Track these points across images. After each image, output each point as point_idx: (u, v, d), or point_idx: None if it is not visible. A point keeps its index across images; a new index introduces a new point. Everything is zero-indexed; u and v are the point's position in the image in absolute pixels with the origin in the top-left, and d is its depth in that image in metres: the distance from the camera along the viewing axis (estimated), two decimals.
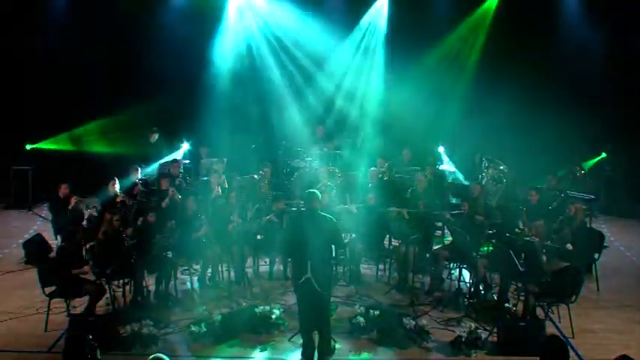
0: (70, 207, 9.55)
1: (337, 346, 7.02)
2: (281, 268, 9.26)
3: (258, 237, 9.30)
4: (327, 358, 6.77)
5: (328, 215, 6.77)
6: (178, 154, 12.45)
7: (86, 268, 7.57)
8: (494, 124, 12.41)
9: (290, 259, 6.87)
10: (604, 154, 12.92)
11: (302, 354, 6.77)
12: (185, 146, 12.91)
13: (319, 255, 6.56)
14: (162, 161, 11.76)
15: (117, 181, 9.85)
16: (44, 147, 13.10)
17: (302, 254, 6.58)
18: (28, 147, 13.10)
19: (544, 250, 7.75)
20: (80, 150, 13.16)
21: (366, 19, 13.76)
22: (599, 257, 8.98)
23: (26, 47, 12.95)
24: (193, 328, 7.21)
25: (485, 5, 13.16)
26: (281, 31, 13.58)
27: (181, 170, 11.28)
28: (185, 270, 9.11)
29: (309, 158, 12.40)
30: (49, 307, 7.47)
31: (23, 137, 13.12)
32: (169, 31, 13.42)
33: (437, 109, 13.19)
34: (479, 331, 7.13)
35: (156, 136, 12.41)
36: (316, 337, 6.79)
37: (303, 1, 13.49)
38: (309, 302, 6.67)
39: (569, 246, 8.28)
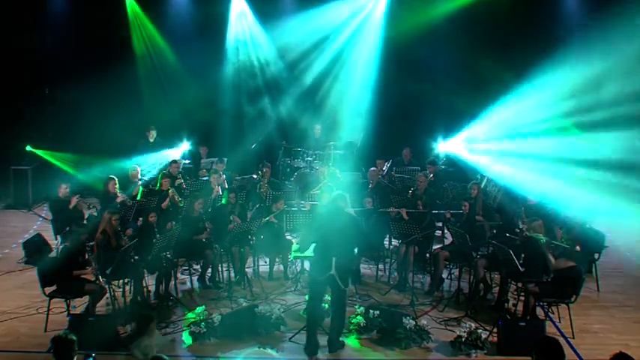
0: (70, 207, 9.55)
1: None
2: (281, 268, 9.27)
3: (261, 237, 9.28)
4: (338, 350, 6.88)
5: (352, 214, 6.90)
6: (177, 154, 12.48)
7: (89, 269, 7.56)
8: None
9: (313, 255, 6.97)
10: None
11: (305, 350, 6.81)
12: (185, 146, 12.93)
13: (344, 252, 6.71)
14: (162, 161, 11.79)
15: (116, 181, 9.86)
16: (44, 156, 13.06)
17: (327, 251, 6.69)
18: (28, 148, 13.10)
19: (550, 251, 7.74)
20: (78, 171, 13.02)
21: (363, 18, 13.79)
22: (599, 257, 8.99)
23: (27, 47, 12.96)
24: (193, 328, 7.21)
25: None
26: (280, 30, 13.60)
27: (181, 170, 11.29)
28: (185, 270, 9.12)
29: (309, 158, 12.43)
30: (49, 307, 7.47)
31: (23, 137, 13.12)
32: (170, 31, 13.48)
33: (437, 108, 13.21)
34: (479, 331, 7.12)
35: (154, 134, 12.42)
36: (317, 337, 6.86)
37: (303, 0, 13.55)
38: (322, 299, 6.78)
39: (577, 247, 8.28)
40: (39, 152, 12.96)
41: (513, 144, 12.24)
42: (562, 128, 12.46)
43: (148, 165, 11.96)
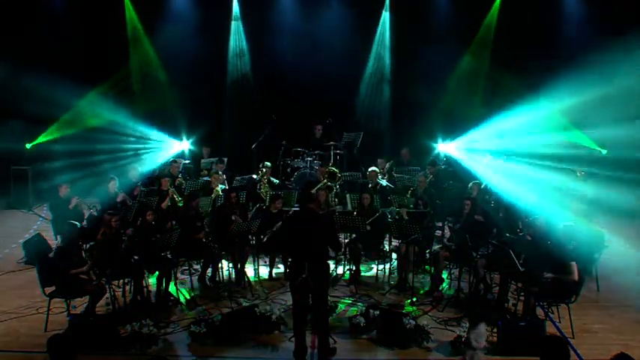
0: (70, 207, 9.55)
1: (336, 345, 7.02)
2: (281, 268, 9.26)
3: (263, 237, 9.27)
4: (328, 358, 6.78)
5: (323, 214, 6.78)
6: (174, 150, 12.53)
7: (84, 268, 7.55)
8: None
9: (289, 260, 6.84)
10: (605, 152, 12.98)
11: (294, 354, 6.77)
12: (185, 145, 12.94)
13: (316, 255, 6.56)
14: (162, 161, 11.82)
15: (116, 181, 9.87)
16: (44, 139, 13.06)
17: (299, 255, 6.59)
18: (28, 146, 13.11)
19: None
20: (79, 129, 13.03)
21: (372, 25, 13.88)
22: (599, 257, 8.98)
23: (27, 46, 12.98)
24: (193, 328, 7.21)
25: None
26: (282, 30, 13.61)
27: (181, 170, 11.30)
28: (185, 270, 9.11)
29: (309, 158, 12.42)
30: (49, 307, 7.47)
31: (23, 137, 13.13)
32: (171, 31, 13.50)
33: (439, 109, 13.23)
34: None
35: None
36: (308, 339, 6.82)
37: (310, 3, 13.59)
38: (304, 303, 6.68)
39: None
40: (39, 139, 12.96)
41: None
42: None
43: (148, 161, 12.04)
